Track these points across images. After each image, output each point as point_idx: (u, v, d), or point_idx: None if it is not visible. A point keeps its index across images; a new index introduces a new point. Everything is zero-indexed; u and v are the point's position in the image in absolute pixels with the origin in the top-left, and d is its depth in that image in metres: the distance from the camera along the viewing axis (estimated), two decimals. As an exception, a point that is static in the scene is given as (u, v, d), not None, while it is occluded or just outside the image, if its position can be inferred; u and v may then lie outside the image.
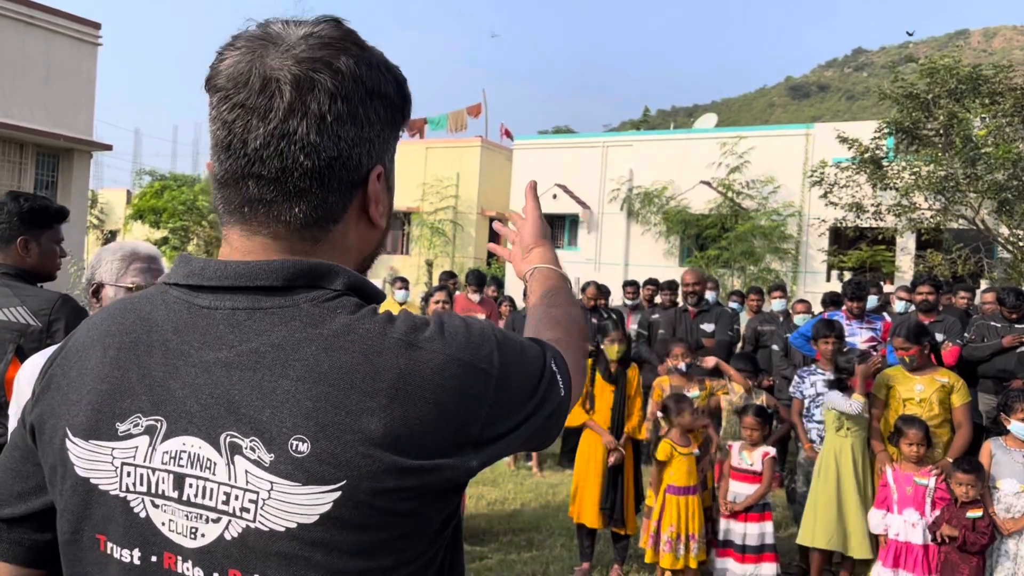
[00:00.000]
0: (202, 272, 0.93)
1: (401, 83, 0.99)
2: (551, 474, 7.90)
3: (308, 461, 0.83)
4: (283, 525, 0.84)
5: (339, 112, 0.91)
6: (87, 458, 0.93)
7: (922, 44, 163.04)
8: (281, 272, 0.90)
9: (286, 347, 0.87)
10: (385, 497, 0.83)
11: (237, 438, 0.86)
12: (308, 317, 0.89)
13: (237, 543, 0.86)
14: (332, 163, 0.92)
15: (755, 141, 20.41)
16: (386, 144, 0.99)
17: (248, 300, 0.90)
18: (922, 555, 4.44)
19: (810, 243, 19.86)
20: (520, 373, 0.94)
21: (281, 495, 0.84)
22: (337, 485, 0.83)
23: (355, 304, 0.92)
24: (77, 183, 15.81)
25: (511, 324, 8.67)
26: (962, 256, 15.20)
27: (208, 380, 0.88)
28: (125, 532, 0.92)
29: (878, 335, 6.85)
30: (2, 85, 14.09)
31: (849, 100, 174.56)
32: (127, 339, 0.95)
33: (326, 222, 0.95)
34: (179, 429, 0.89)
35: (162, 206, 27.76)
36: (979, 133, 14.16)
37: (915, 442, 4.57)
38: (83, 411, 0.94)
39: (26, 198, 2.87)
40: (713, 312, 7.39)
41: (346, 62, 0.91)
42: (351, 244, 0.99)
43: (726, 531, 4.89)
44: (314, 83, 0.89)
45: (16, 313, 2.68)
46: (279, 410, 0.85)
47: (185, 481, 0.88)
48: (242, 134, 0.90)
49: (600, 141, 23.78)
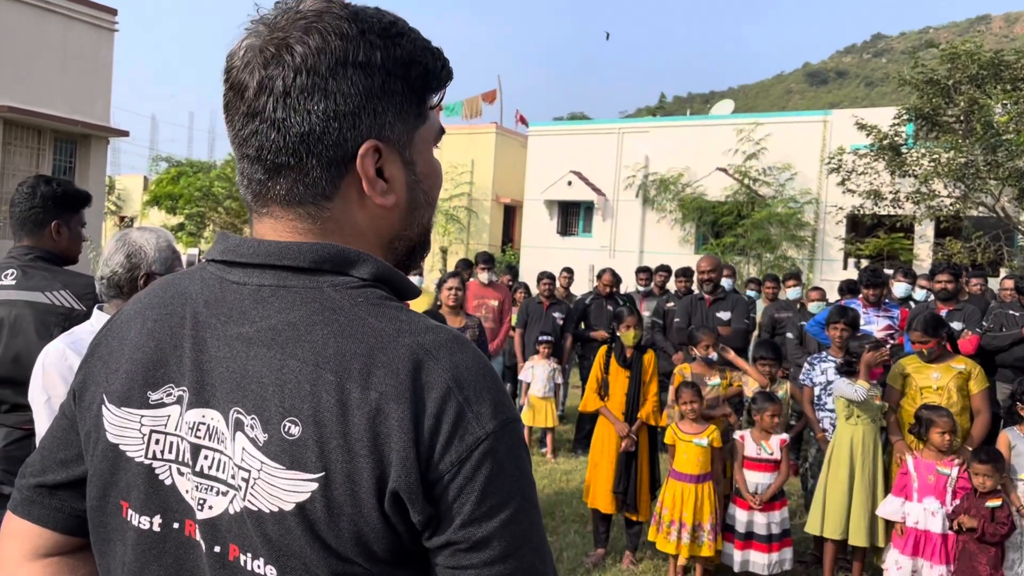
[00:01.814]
0: (237, 248, 0.94)
1: (406, 49, 0.93)
2: (565, 460, 7.91)
3: (296, 445, 0.83)
4: (267, 508, 0.84)
5: (303, 85, 0.88)
6: (118, 424, 0.96)
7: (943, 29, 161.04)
8: (310, 254, 0.91)
9: (300, 327, 0.87)
10: (357, 503, 0.81)
11: (241, 414, 0.86)
12: (328, 301, 0.89)
13: (237, 519, 0.87)
14: (304, 138, 0.89)
15: (772, 127, 20.25)
16: (381, 118, 0.92)
17: (275, 278, 0.91)
18: (941, 544, 4.41)
19: (827, 231, 19.71)
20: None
21: (268, 476, 0.84)
22: (316, 475, 0.82)
23: (380, 296, 0.91)
24: (94, 169, 15.89)
25: (525, 311, 8.66)
26: (981, 244, 15.05)
27: (229, 354, 0.89)
28: (146, 499, 0.93)
29: (895, 324, 6.79)
30: (20, 71, 14.16)
31: (868, 86, 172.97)
32: (164, 311, 0.97)
33: (316, 199, 0.93)
34: (200, 401, 0.90)
35: (178, 192, 27.90)
36: (1000, 119, 13.99)
37: (946, 430, 4.52)
38: (119, 379, 0.97)
39: (58, 182, 2.88)
40: (729, 300, 7.34)
41: (316, 34, 0.89)
42: (361, 225, 0.96)
43: (748, 523, 4.85)
44: (280, 59, 0.89)
45: (60, 296, 2.70)
46: (280, 389, 0.85)
47: (200, 452, 0.90)
48: (231, 115, 0.93)
49: (616, 127, 23.64)
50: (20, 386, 2.43)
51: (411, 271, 1.07)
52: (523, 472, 0.87)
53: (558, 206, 23.65)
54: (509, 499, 0.84)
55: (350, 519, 0.81)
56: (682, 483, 4.86)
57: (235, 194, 25.93)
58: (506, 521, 0.83)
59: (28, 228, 2.83)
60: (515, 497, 0.85)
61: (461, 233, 25.49)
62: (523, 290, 10.19)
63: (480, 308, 8.09)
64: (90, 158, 15.75)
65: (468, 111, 26.26)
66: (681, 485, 4.86)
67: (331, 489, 0.81)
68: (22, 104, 14.04)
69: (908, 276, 7.79)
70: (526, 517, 0.86)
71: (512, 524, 0.84)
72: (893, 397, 5.12)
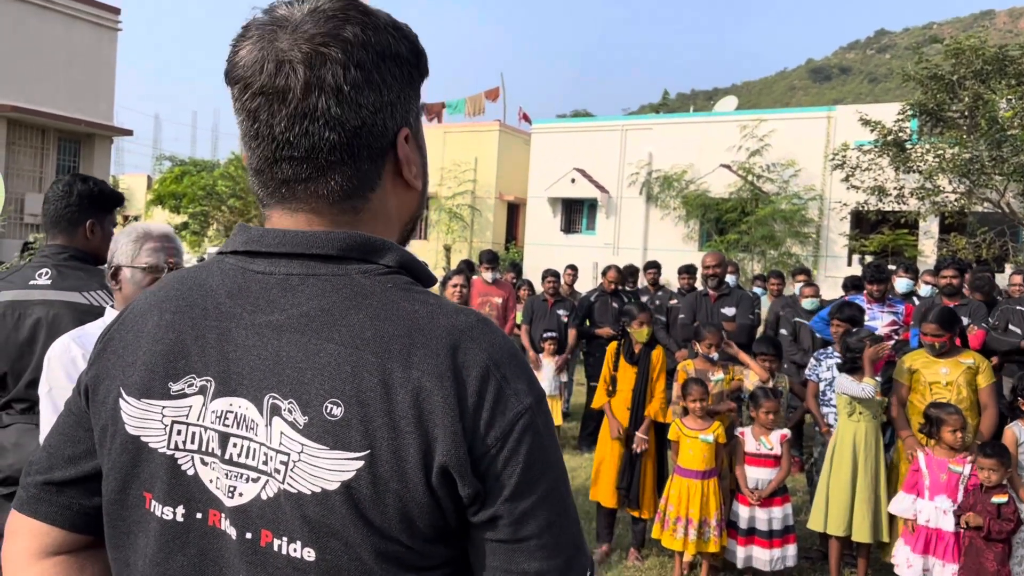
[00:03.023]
0: (260, 239, 0.96)
1: (412, 40, 0.99)
2: (570, 458, 7.90)
3: (339, 426, 0.85)
4: (309, 489, 0.85)
5: (355, 80, 0.91)
6: (139, 416, 0.96)
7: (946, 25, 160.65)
8: (337, 242, 0.93)
9: (335, 312, 0.89)
10: (403, 479, 0.83)
11: (278, 399, 0.88)
12: (359, 287, 0.91)
13: (271, 503, 0.88)
14: (358, 132, 0.93)
15: (776, 124, 20.21)
16: (408, 105, 0.99)
17: (302, 266, 0.93)
18: (953, 542, 4.38)
19: (831, 227, 19.68)
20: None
21: (310, 458, 0.86)
22: (361, 454, 0.84)
23: (406, 283, 0.94)
24: (98, 168, 15.92)
25: (529, 308, 8.65)
26: (986, 240, 15.01)
27: (258, 342, 0.91)
28: (170, 490, 0.94)
29: (900, 319, 6.77)
30: (23, 71, 14.18)
31: (871, 82, 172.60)
32: (183, 303, 0.98)
33: (363, 190, 0.96)
34: (227, 390, 0.91)
35: (182, 191, 27.96)
36: (1005, 115, 13.95)
37: (958, 428, 4.50)
38: (138, 371, 0.97)
39: (95, 181, 2.85)
40: (734, 296, 7.33)
41: (352, 30, 0.92)
42: (391, 211, 1.01)
43: (750, 519, 4.84)
44: (325, 57, 0.90)
45: (97, 297, 2.68)
46: (320, 373, 0.87)
47: (229, 440, 0.91)
48: (267, 120, 0.92)
49: (619, 125, 23.61)
50: None
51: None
52: (556, 444, 0.92)
53: (562, 203, 23.64)
54: (548, 470, 0.89)
55: (396, 495, 0.83)
56: (688, 479, 4.86)
57: (239, 193, 25.95)
58: (547, 492, 0.88)
59: (62, 226, 2.78)
60: (553, 468, 0.90)
61: (465, 231, 25.49)
62: (527, 287, 10.18)
63: (484, 305, 8.09)
64: (94, 157, 15.78)
65: (471, 109, 26.24)
66: (687, 481, 4.85)
67: (377, 466, 0.83)
68: (26, 104, 14.06)
69: (910, 271, 7.77)
70: (564, 486, 0.91)
71: (553, 495, 0.89)
72: (900, 392, 5.11)
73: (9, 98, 13.85)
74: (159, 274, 2.33)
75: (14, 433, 2.66)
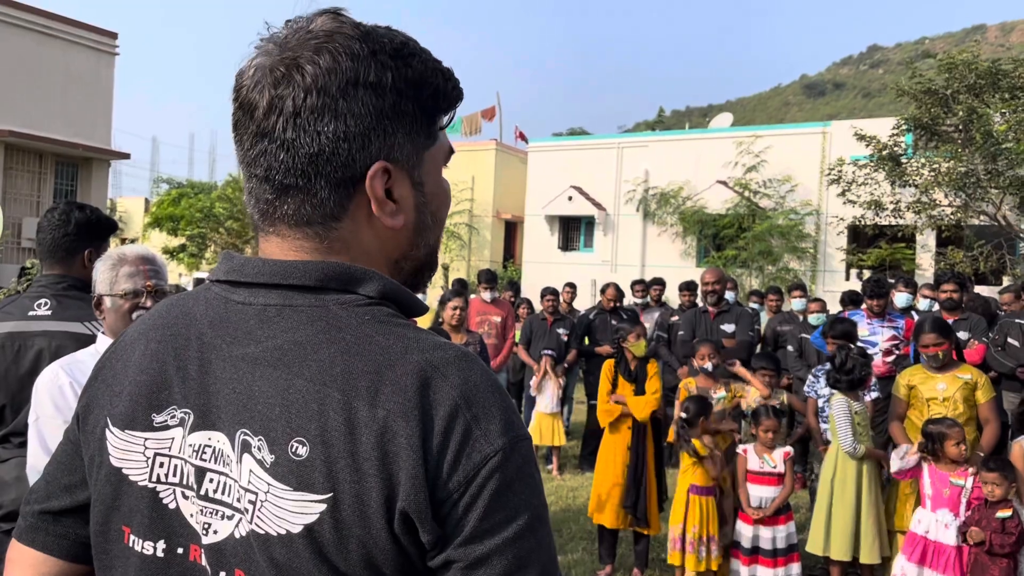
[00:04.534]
0: (241, 268, 0.93)
1: (418, 71, 0.92)
2: (571, 477, 7.87)
3: (303, 466, 0.81)
4: (275, 530, 0.82)
5: (313, 106, 0.87)
6: (122, 448, 0.94)
7: (938, 40, 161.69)
8: (315, 272, 0.89)
9: (307, 346, 0.85)
10: (366, 523, 0.80)
11: (248, 436, 0.85)
12: (335, 319, 0.87)
13: (244, 543, 0.85)
14: (314, 159, 0.88)
15: (771, 140, 20.29)
16: (392, 138, 0.91)
17: (280, 297, 0.90)
18: (954, 556, 4.36)
19: (828, 242, 19.71)
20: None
21: (275, 499, 0.82)
22: (324, 496, 0.80)
23: (387, 314, 0.90)
24: (96, 192, 15.94)
25: (528, 327, 8.64)
26: (983, 253, 15.04)
27: (234, 375, 0.88)
28: (150, 524, 0.91)
29: (900, 334, 6.76)
30: (21, 96, 14.23)
31: (865, 97, 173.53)
32: (168, 332, 0.96)
33: (325, 219, 0.92)
34: (207, 423, 0.89)
35: (179, 214, 27.98)
36: (1000, 128, 14.03)
37: (959, 440, 4.48)
38: (123, 402, 0.95)
39: (91, 209, 2.81)
40: (733, 312, 7.33)
41: (327, 54, 0.88)
42: (369, 245, 0.94)
43: (753, 537, 4.81)
44: (291, 80, 0.88)
45: (100, 327, 2.60)
46: (287, 410, 0.83)
47: (205, 476, 0.88)
48: (240, 134, 0.92)
49: (615, 142, 23.71)
50: None
51: (418, 290, 1.05)
52: (533, 490, 0.84)
53: (559, 221, 23.68)
54: (514, 517, 0.81)
55: (359, 540, 0.80)
56: (699, 497, 4.85)
57: (236, 215, 25.99)
58: (510, 539, 0.81)
59: (60, 255, 2.74)
60: (521, 515, 0.82)
61: (463, 250, 25.51)
62: (526, 306, 10.17)
63: (483, 324, 8.08)
64: (91, 181, 15.81)
65: (468, 128, 26.35)
66: (699, 499, 4.84)
67: (340, 510, 0.80)
68: (23, 128, 14.10)
69: (909, 286, 7.78)
70: (532, 536, 0.82)
71: (517, 542, 0.81)
72: (899, 408, 5.09)
73: (6, 123, 13.89)
74: (139, 299, 2.28)
75: (14, 467, 2.61)
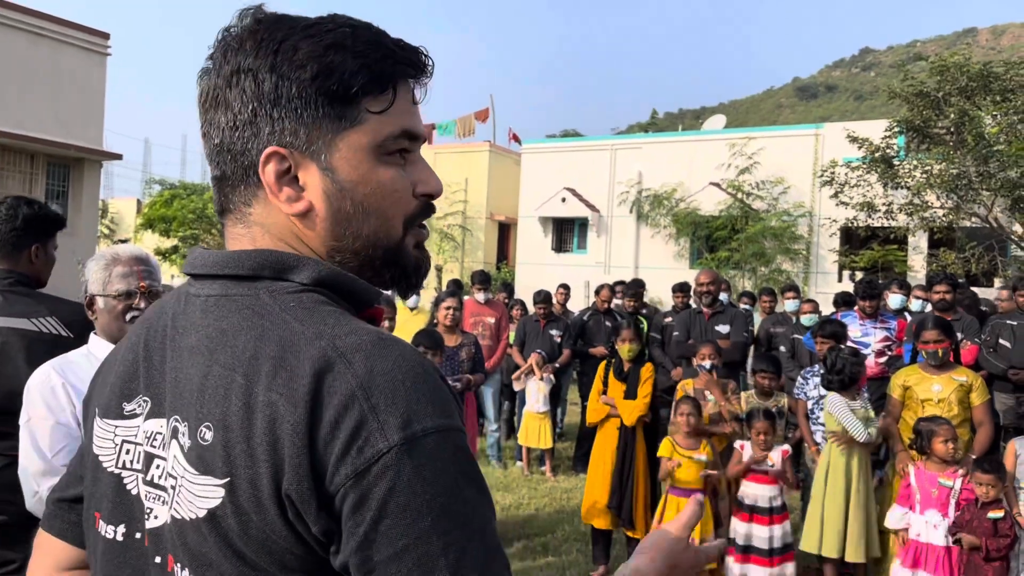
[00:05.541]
0: (194, 261, 0.96)
1: (299, 50, 0.87)
2: (565, 479, 7.86)
3: (208, 450, 0.82)
4: (187, 515, 0.84)
5: (212, 99, 0.91)
6: (101, 436, 0.99)
7: (930, 43, 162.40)
8: (247, 261, 0.90)
9: (229, 333, 0.86)
10: (260, 509, 0.78)
11: (177, 422, 0.87)
12: (260, 307, 0.87)
13: (171, 528, 0.86)
14: (220, 150, 0.92)
15: (764, 142, 20.33)
16: (280, 123, 0.88)
17: (221, 287, 0.91)
18: (944, 556, 4.37)
19: (821, 243, 19.75)
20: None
21: (187, 483, 0.84)
22: (222, 481, 0.80)
23: (316, 301, 0.87)
24: (88, 193, 15.88)
25: (522, 329, 8.63)
26: (975, 255, 15.08)
27: (177, 364, 0.90)
28: (113, 509, 0.95)
29: (892, 335, 6.78)
30: (12, 96, 14.16)
31: (857, 100, 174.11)
32: (146, 326, 1.00)
33: (238, 205, 0.94)
34: (158, 411, 0.92)
35: (172, 215, 27.85)
36: (991, 130, 14.07)
37: (949, 438, 4.48)
38: (106, 393, 1.00)
39: (39, 204, 2.79)
40: (728, 313, 7.34)
41: (220, 49, 0.92)
42: (287, 230, 0.92)
43: (747, 535, 4.81)
44: (203, 77, 0.93)
45: (48, 324, 2.59)
46: (203, 395, 0.84)
47: (152, 461, 0.91)
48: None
49: (608, 144, 23.71)
50: (8, 415, 2.33)
51: (411, 291, 1.02)
52: (443, 490, 0.76)
53: (552, 223, 23.68)
54: (416, 521, 0.74)
55: (257, 527, 0.78)
56: (679, 498, 4.84)
57: (229, 216, 25.84)
58: (409, 546, 0.74)
59: (7, 250, 2.71)
60: (425, 518, 0.75)
61: (456, 251, 25.49)
62: (520, 307, 10.17)
63: (477, 326, 8.07)
64: (83, 182, 15.74)
65: (461, 130, 26.32)
66: (679, 500, 4.83)
67: (237, 495, 0.79)
68: (15, 129, 14.03)
69: (903, 287, 7.80)
70: (440, 541, 0.75)
71: (418, 548, 0.74)
72: (894, 408, 5.10)
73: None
74: (132, 299, 2.28)
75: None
